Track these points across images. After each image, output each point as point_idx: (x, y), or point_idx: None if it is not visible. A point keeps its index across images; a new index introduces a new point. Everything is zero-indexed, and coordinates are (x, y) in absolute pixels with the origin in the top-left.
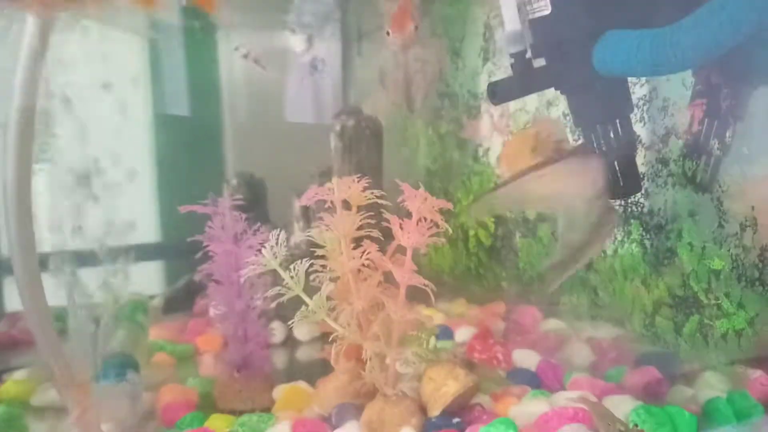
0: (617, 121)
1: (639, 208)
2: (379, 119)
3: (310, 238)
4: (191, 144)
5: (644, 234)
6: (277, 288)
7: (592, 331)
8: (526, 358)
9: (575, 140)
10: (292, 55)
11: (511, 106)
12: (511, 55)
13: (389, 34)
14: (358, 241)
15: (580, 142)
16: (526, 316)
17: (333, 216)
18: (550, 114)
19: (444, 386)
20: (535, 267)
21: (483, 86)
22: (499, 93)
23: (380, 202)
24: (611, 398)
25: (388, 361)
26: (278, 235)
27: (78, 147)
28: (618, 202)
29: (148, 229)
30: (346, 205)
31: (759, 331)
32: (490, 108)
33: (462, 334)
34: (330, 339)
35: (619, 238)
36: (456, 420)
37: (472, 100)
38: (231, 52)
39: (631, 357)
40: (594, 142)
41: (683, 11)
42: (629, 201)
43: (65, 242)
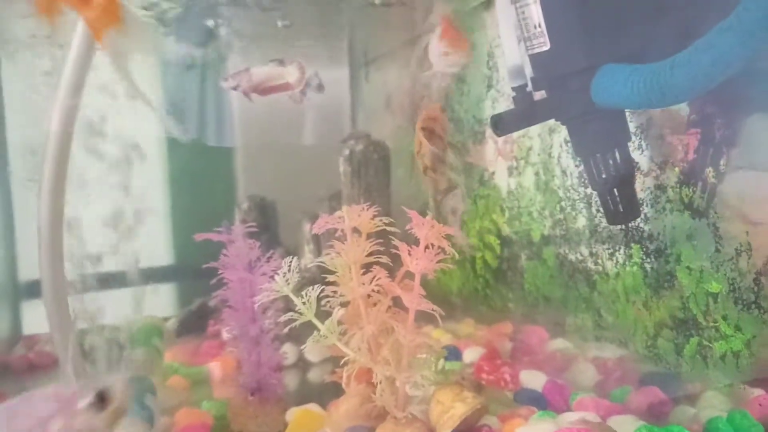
0: (615, 149)
1: (639, 233)
2: (386, 143)
3: (322, 264)
4: (203, 168)
5: (645, 257)
6: (290, 313)
7: (597, 351)
8: (533, 379)
9: (576, 166)
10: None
11: (515, 133)
12: (513, 88)
13: (447, 54)
14: (368, 267)
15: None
16: (533, 336)
17: (343, 243)
18: (552, 140)
19: (452, 408)
20: (540, 289)
21: (487, 112)
22: (502, 125)
23: (389, 229)
24: (616, 418)
25: (398, 384)
26: (290, 262)
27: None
28: (619, 227)
29: (161, 252)
30: (356, 232)
31: (756, 352)
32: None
33: (470, 355)
34: (341, 362)
35: (621, 260)
36: None
37: (476, 126)
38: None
39: (635, 377)
40: (594, 170)
41: (675, 45)
42: (630, 226)
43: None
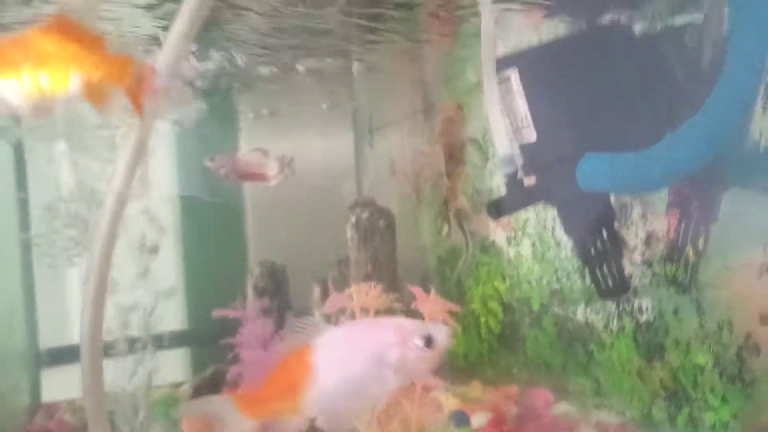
0: (602, 228)
1: (630, 306)
2: (391, 210)
3: None
4: (215, 233)
5: (636, 329)
6: None
7: (600, 416)
8: None
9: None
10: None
11: None
12: (505, 175)
13: None
14: None
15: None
16: (539, 400)
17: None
18: (546, 214)
19: None
20: (541, 355)
21: (485, 183)
22: (497, 210)
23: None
24: None
25: None
26: None
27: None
28: (611, 300)
29: (174, 317)
30: (364, 310)
31: (743, 423)
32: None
33: (478, 420)
34: None
35: (614, 331)
36: None
37: (476, 196)
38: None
39: None
40: (583, 247)
41: (651, 135)
42: (621, 299)
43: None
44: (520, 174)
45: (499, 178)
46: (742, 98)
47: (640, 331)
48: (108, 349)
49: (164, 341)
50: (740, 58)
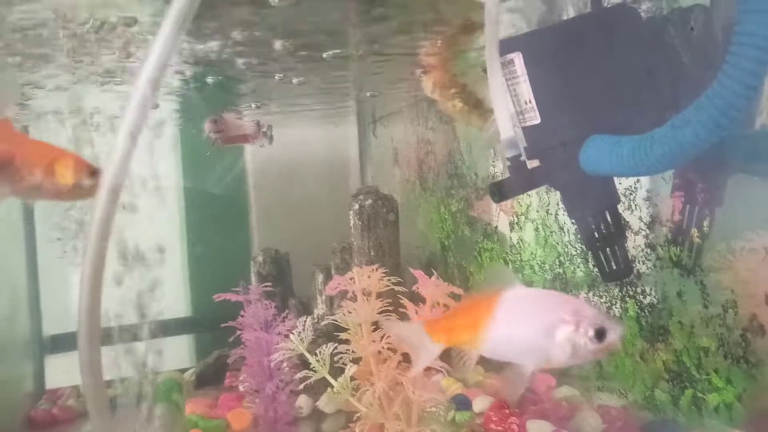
0: (606, 212)
1: (633, 288)
2: (394, 197)
3: (334, 322)
4: (220, 221)
5: (639, 312)
6: (305, 371)
7: (601, 399)
8: (540, 429)
9: (573, 224)
10: None
11: None
12: (508, 158)
13: None
14: (379, 325)
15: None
16: (540, 384)
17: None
18: (549, 198)
19: None
20: None
21: (489, 168)
22: (499, 192)
23: (397, 289)
24: None
25: None
26: (305, 321)
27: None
28: (614, 284)
29: (179, 304)
30: (365, 293)
31: (747, 405)
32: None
33: (479, 404)
34: (354, 418)
35: (618, 314)
36: None
37: (479, 182)
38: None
39: (637, 426)
40: (587, 231)
41: (656, 118)
42: (624, 282)
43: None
44: (523, 157)
45: (501, 163)
46: (748, 81)
47: (643, 314)
48: (110, 336)
49: (169, 328)
50: (747, 39)
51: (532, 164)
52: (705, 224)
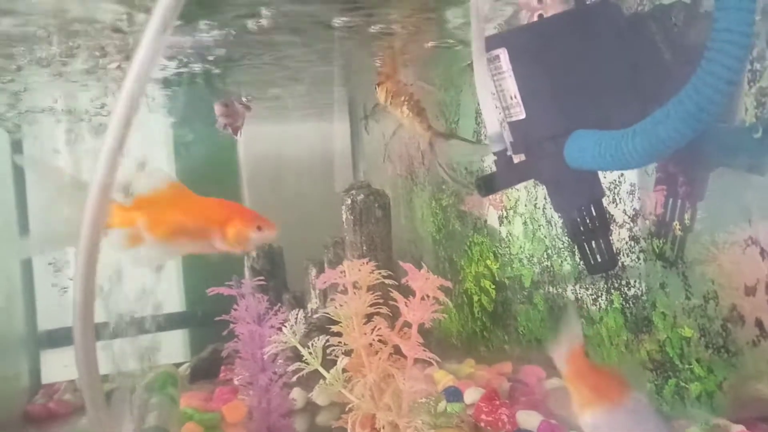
0: (591, 205)
1: (618, 281)
2: (386, 192)
3: (327, 315)
4: None
5: (624, 303)
6: (297, 363)
7: None
8: (529, 419)
9: (560, 217)
10: None
11: None
12: (494, 153)
13: None
14: (371, 317)
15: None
16: (531, 376)
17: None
18: (537, 192)
19: None
20: (533, 331)
21: (477, 163)
22: (485, 186)
23: (387, 282)
24: None
25: (400, 428)
26: (297, 314)
27: None
28: (599, 276)
29: (173, 299)
30: (356, 286)
31: (728, 393)
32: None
33: (471, 395)
34: (346, 408)
35: (603, 306)
36: None
37: (468, 176)
38: None
39: None
40: (572, 224)
41: (639, 113)
42: (609, 274)
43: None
44: (509, 151)
45: (489, 158)
46: (726, 76)
47: (628, 306)
48: (105, 331)
49: (163, 323)
50: (724, 36)
51: (518, 158)
52: (687, 217)
